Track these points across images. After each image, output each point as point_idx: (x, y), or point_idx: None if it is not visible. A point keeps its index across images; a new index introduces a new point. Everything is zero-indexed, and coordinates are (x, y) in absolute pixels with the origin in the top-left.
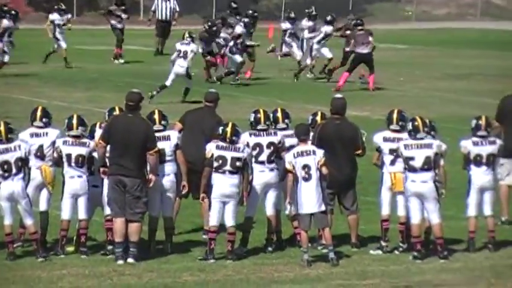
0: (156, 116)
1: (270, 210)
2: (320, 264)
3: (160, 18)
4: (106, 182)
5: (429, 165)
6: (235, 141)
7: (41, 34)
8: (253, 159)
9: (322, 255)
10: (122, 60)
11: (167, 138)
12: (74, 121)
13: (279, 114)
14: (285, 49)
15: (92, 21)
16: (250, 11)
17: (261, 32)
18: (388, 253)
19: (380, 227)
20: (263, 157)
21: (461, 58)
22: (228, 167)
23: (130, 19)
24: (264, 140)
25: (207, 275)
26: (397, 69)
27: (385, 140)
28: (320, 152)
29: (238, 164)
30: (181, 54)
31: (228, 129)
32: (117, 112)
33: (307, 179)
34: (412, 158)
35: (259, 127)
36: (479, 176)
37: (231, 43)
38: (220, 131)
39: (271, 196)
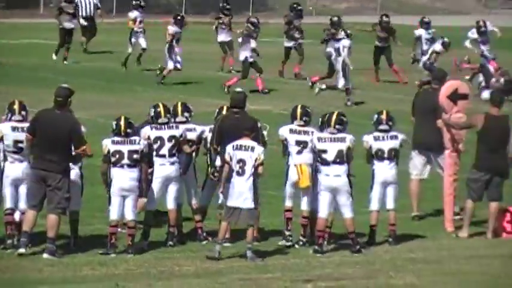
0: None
1: (170, 204)
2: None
3: (83, 14)
4: (4, 175)
5: (341, 158)
6: (130, 134)
7: None
8: (154, 153)
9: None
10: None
11: None
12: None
13: (179, 108)
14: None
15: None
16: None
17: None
18: (289, 247)
19: (283, 218)
20: (164, 151)
21: (362, 53)
22: (125, 161)
23: (31, 12)
24: (165, 134)
25: (108, 269)
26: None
27: (292, 132)
28: (259, 150)
29: (135, 156)
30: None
31: (122, 122)
32: (16, 106)
33: (240, 173)
34: (324, 151)
35: (159, 121)
36: (382, 170)
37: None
38: (114, 126)
39: (172, 190)
